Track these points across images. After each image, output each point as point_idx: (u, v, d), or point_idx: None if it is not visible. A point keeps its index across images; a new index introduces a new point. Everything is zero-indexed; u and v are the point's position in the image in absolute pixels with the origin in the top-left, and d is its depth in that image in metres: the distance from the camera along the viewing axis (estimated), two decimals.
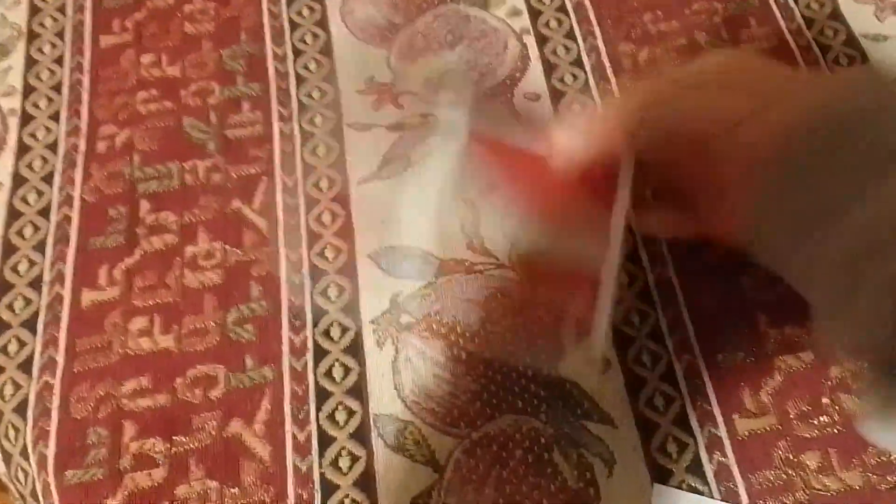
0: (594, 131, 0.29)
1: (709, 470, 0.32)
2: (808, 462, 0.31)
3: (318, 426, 0.33)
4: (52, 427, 0.33)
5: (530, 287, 0.33)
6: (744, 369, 0.33)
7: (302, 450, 0.32)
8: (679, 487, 0.31)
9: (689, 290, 0.35)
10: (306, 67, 0.42)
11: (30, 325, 0.35)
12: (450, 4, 0.43)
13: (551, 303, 0.32)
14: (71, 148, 0.39)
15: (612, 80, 0.41)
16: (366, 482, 0.32)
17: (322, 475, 0.32)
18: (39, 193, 0.38)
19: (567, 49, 0.42)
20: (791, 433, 0.32)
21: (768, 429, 0.32)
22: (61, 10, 0.44)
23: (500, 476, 0.32)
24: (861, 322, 0.22)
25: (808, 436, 0.32)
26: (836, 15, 0.42)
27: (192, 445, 0.32)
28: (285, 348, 0.34)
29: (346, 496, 0.31)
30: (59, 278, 0.36)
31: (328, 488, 0.32)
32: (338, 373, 0.34)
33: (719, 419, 0.32)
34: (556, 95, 0.40)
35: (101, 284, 0.35)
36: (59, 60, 0.42)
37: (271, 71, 0.41)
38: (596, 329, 0.29)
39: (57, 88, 0.41)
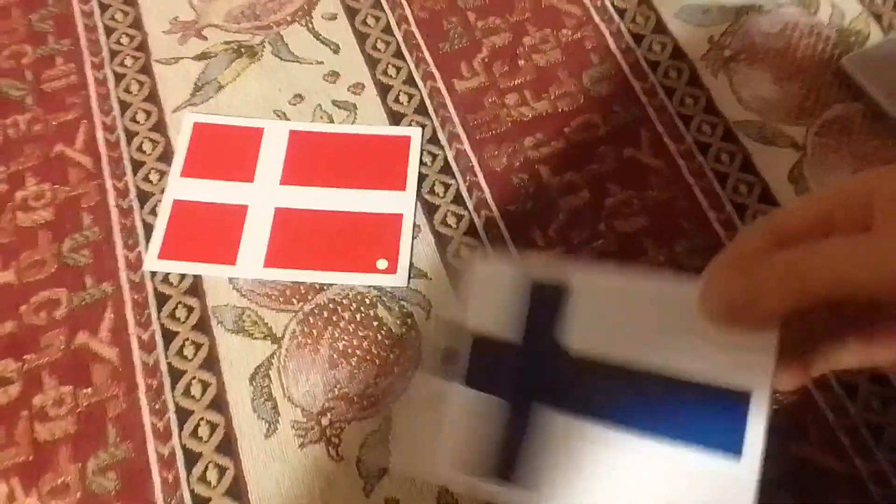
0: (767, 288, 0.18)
1: None
2: None
3: (161, 324, 0.36)
4: None
5: None
6: None
7: (147, 347, 0.35)
8: None
9: None
10: (113, 18, 0.44)
11: None
12: None
13: None
14: None
15: None
16: (210, 363, 0.35)
17: (169, 364, 0.35)
18: None
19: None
20: None
21: None
22: None
23: (332, 335, 0.36)
24: None
25: None
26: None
27: (42, 361, 0.35)
28: (121, 264, 0.37)
29: (193, 378, 0.35)
30: None
31: (175, 374, 0.35)
32: (174, 277, 0.37)
33: None
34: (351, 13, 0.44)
35: None
36: None
37: (80, 26, 0.44)
38: None
39: None
